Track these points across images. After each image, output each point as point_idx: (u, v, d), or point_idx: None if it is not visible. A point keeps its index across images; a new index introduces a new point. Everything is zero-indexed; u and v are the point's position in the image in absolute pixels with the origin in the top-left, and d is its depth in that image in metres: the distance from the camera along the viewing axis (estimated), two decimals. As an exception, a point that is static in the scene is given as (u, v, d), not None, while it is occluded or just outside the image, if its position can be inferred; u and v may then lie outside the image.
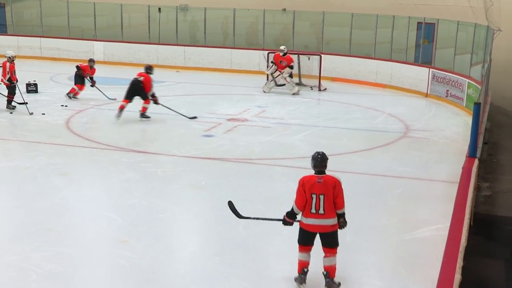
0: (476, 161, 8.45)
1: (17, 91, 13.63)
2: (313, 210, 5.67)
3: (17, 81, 13.58)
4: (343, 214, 5.75)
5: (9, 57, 13.55)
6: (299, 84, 17.62)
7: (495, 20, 12.94)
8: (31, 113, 13.29)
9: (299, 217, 5.81)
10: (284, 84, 16.49)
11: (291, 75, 16.63)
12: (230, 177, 9.51)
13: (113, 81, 18.47)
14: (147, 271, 6.25)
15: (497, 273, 6.55)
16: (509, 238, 7.46)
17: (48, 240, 6.92)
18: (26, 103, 13.69)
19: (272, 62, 16.64)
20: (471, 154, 8.69)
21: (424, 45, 17.57)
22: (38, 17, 22.80)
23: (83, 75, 15.29)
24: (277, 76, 16.50)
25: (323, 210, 5.65)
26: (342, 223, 5.75)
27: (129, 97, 13.05)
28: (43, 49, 21.36)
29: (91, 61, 15.63)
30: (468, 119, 11.93)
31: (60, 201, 8.27)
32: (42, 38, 22.14)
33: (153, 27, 21.48)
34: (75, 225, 7.48)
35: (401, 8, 18.29)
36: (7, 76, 13.43)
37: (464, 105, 14.48)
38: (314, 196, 5.66)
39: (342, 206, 5.75)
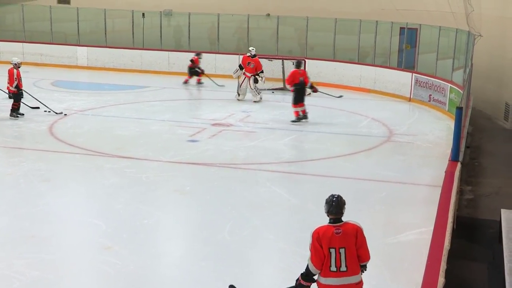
0: (459, 165, 8.54)
1: (24, 95, 13.53)
2: (333, 268, 4.69)
3: (22, 89, 13.44)
4: (365, 265, 4.89)
5: (15, 63, 13.41)
6: (284, 89, 17.66)
7: (475, 25, 13.10)
8: (60, 113, 13.63)
9: (316, 277, 4.86)
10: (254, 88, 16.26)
11: (256, 81, 16.37)
12: (215, 182, 9.51)
13: (97, 86, 18.42)
14: (132, 277, 6.22)
15: (480, 276, 6.61)
16: (492, 241, 7.53)
17: (31, 247, 6.86)
18: (38, 107, 13.79)
19: (240, 66, 16.47)
20: (454, 158, 8.78)
21: (407, 50, 17.73)
22: (20, 22, 22.60)
23: (194, 67, 17.78)
24: (243, 80, 16.27)
25: (346, 266, 4.69)
26: (363, 269, 4.89)
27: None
28: (26, 54, 21.15)
29: (199, 54, 18.22)
30: (451, 123, 12.05)
31: (43, 207, 8.20)
32: (24, 43, 21.94)
33: (137, 32, 21.41)
34: (59, 231, 7.42)
35: (383, 13, 18.45)
36: (15, 83, 13.24)
37: (447, 109, 14.62)
38: (333, 251, 4.69)
39: (368, 258, 4.83)
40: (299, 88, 13.55)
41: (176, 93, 17.47)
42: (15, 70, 13.32)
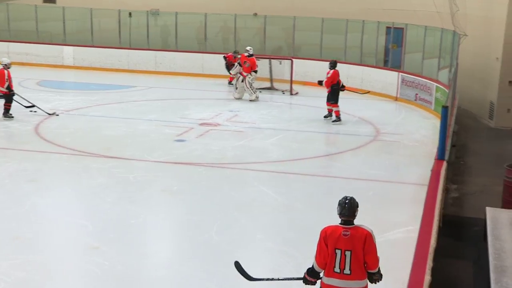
0: (445, 164, 8.61)
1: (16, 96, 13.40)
2: (337, 269, 4.66)
3: (13, 90, 13.33)
4: (377, 272, 4.76)
5: (5, 64, 13.27)
6: (271, 88, 17.69)
7: (461, 25, 13.20)
8: (53, 114, 13.53)
9: (322, 274, 4.83)
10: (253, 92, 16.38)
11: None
12: (203, 182, 9.51)
13: (83, 86, 18.31)
14: (119, 277, 6.20)
15: (466, 274, 6.68)
16: (477, 239, 7.61)
17: (17, 247, 6.81)
18: (34, 105, 13.67)
19: (239, 63, 16.64)
20: (440, 156, 8.85)
21: (393, 49, 17.82)
22: (6, 21, 22.41)
23: (230, 64, 17.56)
24: (239, 78, 16.39)
25: (349, 270, 4.64)
26: (376, 279, 4.77)
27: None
28: (11, 53, 20.91)
29: (235, 52, 17.85)
30: (437, 122, 12.13)
31: (29, 208, 8.14)
32: (10, 43, 21.75)
33: (124, 32, 21.32)
34: (45, 232, 7.37)
35: (370, 13, 18.53)
36: (6, 84, 13.07)
37: (433, 108, 14.73)
38: (338, 252, 4.66)
39: (375, 266, 4.72)
40: (337, 89, 13.84)
41: (163, 92, 17.43)
42: (5, 71, 13.20)
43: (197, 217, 7.96)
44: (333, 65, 13.99)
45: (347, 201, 4.76)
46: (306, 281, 4.89)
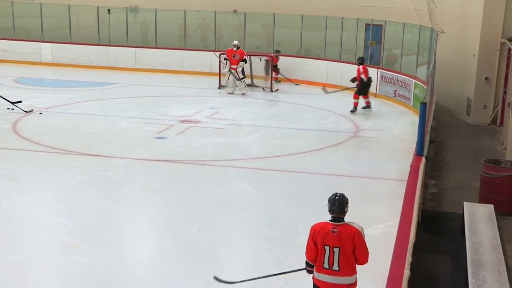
0: (423, 159, 8.71)
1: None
2: (326, 265, 4.73)
3: None
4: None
5: None
6: (251, 85, 17.70)
7: (438, 22, 13.34)
8: (30, 111, 13.37)
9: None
10: (244, 77, 16.73)
11: (243, 72, 16.77)
12: (184, 179, 9.49)
13: (62, 83, 18.12)
14: (100, 276, 6.18)
15: (444, 268, 6.78)
16: (455, 233, 7.72)
17: (-4, 247, 6.75)
18: (20, 101, 13.63)
19: (225, 59, 16.77)
20: (419, 152, 8.95)
21: (372, 46, 17.95)
22: (-18, 18, 22.08)
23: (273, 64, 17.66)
24: (231, 72, 16.67)
25: (338, 266, 4.70)
26: None
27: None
28: (-12, 50, 20.72)
29: (277, 51, 18.23)
30: (415, 119, 12.26)
31: (7, 207, 8.07)
32: (-14, 39, 21.44)
33: (103, 29, 21.13)
34: (24, 231, 7.30)
35: (349, 10, 18.60)
36: None
37: (411, 104, 14.88)
38: (327, 248, 4.72)
39: (365, 261, 4.82)
40: (366, 83, 14.67)
41: (143, 89, 17.33)
42: None
43: (178, 214, 7.96)
44: (361, 61, 14.67)
45: (336, 197, 4.81)
46: (308, 271, 4.97)
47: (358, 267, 5.03)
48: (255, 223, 7.82)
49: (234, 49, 16.72)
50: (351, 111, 14.43)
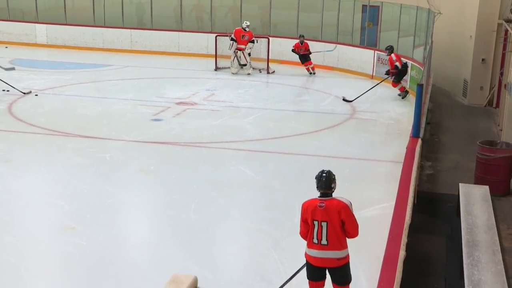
0: (419, 141, 8.72)
1: None
2: (315, 240, 4.83)
3: None
4: None
5: None
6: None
7: (435, 3, 13.28)
8: (28, 92, 13.29)
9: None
10: (245, 64, 16.73)
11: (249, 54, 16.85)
12: (180, 161, 9.49)
13: (58, 65, 18.02)
14: (97, 258, 6.20)
15: (439, 249, 6.82)
16: (450, 214, 7.77)
17: (-8, 229, 6.76)
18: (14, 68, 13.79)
19: (232, 39, 16.68)
20: (415, 134, 8.96)
21: (369, 27, 17.86)
22: (-25, -2, 21.86)
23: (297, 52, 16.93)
24: (237, 53, 16.71)
25: (326, 240, 4.78)
26: None
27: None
28: (-18, 31, 20.55)
29: (301, 36, 16.95)
30: (411, 100, 12.26)
31: (3, 189, 8.07)
32: (-20, 21, 21.26)
33: (98, 10, 20.93)
34: (20, 213, 7.30)
35: (346, -9, 18.49)
36: None
37: (408, 86, 14.85)
38: (316, 223, 4.82)
39: (355, 234, 4.88)
40: (402, 69, 14.21)
41: (139, 71, 17.25)
42: None
43: (174, 196, 7.97)
44: (391, 50, 14.23)
45: (323, 174, 4.92)
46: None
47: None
48: (251, 205, 7.85)
49: (246, 29, 16.63)
50: (402, 97, 14.14)
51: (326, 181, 4.88)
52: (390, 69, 14.21)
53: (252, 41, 16.79)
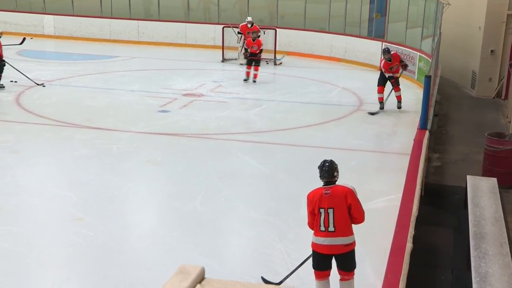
0: (427, 133, 8.68)
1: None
2: (322, 228, 4.84)
3: (4, 59, 13.16)
4: None
5: None
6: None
7: (444, -6, 13.19)
8: (41, 84, 13.31)
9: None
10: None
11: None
12: (187, 152, 9.50)
13: (65, 56, 18.05)
14: (103, 248, 6.23)
15: (446, 241, 6.80)
16: (457, 206, 7.73)
17: (0, 219, 6.78)
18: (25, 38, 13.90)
19: (239, 33, 16.62)
20: (422, 126, 8.92)
21: (376, 19, 17.75)
22: (-17, -11, 21.90)
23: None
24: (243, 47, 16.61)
25: (333, 227, 4.81)
26: None
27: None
28: (-11, 22, 20.56)
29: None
30: (419, 92, 12.19)
31: (11, 179, 8.10)
32: (-13, 11, 21.30)
33: (105, 1, 20.91)
34: (28, 203, 7.34)
35: (354, -19, 18.38)
36: None
37: (416, 78, 14.77)
38: (322, 211, 4.85)
39: (362, 219, 4.94)
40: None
41: (146, 63, 17.25)
42: None
43: (181, 187, 7.98)
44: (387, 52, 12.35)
45: (326, 164, 5.03)
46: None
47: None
48: (257, 196, 7.84)
49: (249, 25, 16.41)
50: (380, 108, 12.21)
51: (329, 170, 4.97)
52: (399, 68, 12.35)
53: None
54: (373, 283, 5.51)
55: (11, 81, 13.50)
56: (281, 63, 17.26)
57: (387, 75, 12.22)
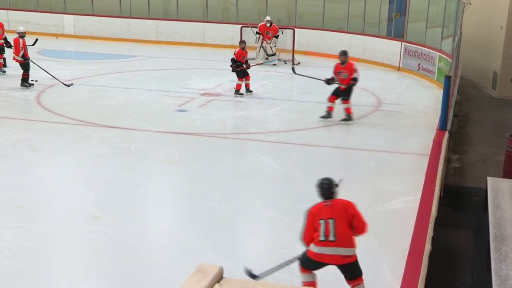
0: (447, 134, 8.58)
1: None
2: (322, 238, 4.84)
3: (29, 58, 13.38)
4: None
5: (20, 32, 13.37)
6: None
7: (465, -7, 13.04)
8: (70, 85, 13.40)
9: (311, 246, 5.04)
10: (274, 54, 16.84)
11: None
12: (204, 152, 9.51)
13: (84, 55, 18.20)
14: (121, 246, 6.25)
15: (466, 243, 6.72)
16: (477, 208, 7.63)
17: (19, 216, 6.86)
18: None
19: (258, 33, 16.70)
20: (442, 126, 8.81)
21: (396, 18, 17.61)
22: (5, -11, 22.18)
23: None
24: (263, 43, 16.87)
25: (334, 236, 4.81)
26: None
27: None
28: (11, 22, 20.76)
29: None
30: (439, 92, 12.06)
31: (31, 177, 8.18)
32: (9, 11, 21.55)
33: (125, 1, 21.06)
34: (47, 201, 7.41)
35: (373, -19, 18.26)
36: (21, 53, 13.21)
37: (435, 78, 14.63)
38: (322, 222, 4.87)
39: (364, 229, 4.94)
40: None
41: (164, 62, 17.31)
42: (20, 40, 13.23)
43: (198, 186, 7.99)
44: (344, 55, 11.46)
45: (325, 182, 5.11)
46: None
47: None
48: (275, 196, 7.82)
49: (268, 25, 16.65)
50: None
51: (328, 188, 5.07)
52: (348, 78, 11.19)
53: (277, 36, 16.80)
54: (391, 284, 5.46)
55: (32, 80, 13.63)
56: (299, 62, 17.21)
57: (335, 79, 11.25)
